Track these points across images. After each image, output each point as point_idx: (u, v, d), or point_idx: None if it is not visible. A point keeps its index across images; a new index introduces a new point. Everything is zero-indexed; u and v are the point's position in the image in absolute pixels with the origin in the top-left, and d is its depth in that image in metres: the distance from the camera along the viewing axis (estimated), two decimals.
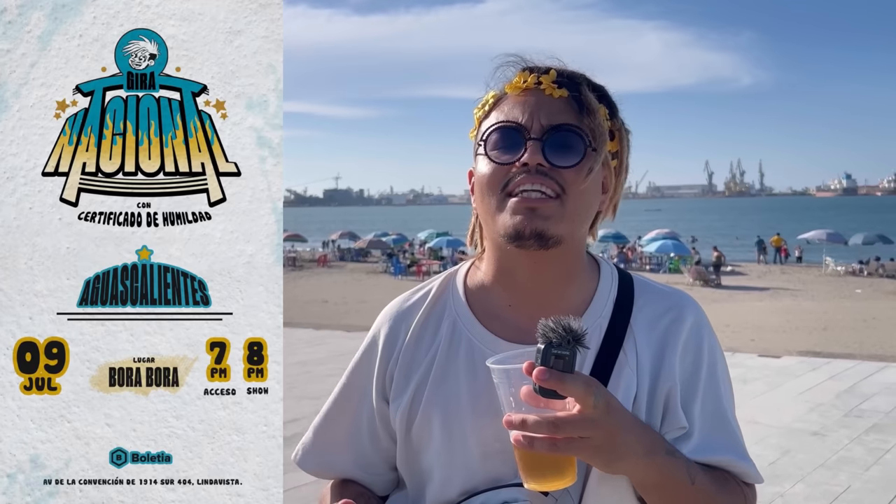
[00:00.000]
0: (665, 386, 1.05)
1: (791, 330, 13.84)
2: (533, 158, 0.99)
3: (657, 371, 1.06)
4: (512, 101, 1.06)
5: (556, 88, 1.03)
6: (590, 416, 0.86)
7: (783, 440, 6.31)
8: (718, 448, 1.05)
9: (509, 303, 1.09)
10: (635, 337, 1.07)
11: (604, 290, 1.11)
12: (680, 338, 1.08)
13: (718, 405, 1.08)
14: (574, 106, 1.03)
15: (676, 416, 1.04)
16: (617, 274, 1.15)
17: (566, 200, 1.01)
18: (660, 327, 1.08)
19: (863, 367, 9.29)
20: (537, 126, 1.01)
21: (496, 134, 1.04)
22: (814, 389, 8.17)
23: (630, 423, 0.93)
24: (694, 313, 1.11)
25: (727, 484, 1.05)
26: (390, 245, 34.75)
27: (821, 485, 5.27)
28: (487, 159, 1.04)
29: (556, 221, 1.00)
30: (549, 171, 1.00)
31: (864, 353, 10.69)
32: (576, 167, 1.01)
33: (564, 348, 0.84)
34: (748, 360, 9.85)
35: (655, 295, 1.13)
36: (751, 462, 1.08)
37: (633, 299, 1.11)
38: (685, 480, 0.98)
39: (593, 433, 0.86)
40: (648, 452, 0.93)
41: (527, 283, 1.07)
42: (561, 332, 0.85)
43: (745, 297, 20.33)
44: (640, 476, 0.96)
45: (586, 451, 0.88)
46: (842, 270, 26.81)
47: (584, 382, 0.86)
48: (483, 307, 1.11)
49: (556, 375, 0.83)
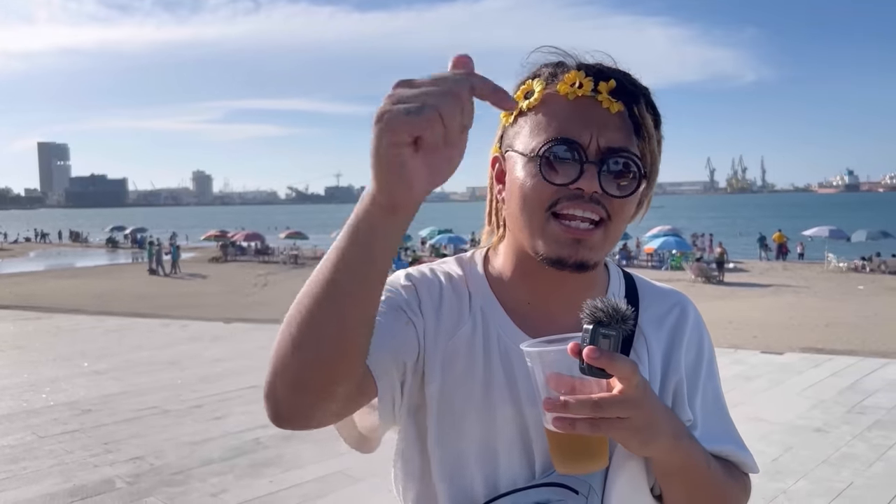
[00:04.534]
0: (673, 380, 1.09)
1: (793, 327, 13.82)
2: (590, 186, 0.96)
3: (666, 367, 1.09)
4: (566, 109, 0.99)
5: (614, 102, 0.98)
6: (632, 396, 0.86)
7: (786, 436, 6.31)
8: (720, 438, 1.09)
9: (528, 300, 1.09)
10: (645, 335, 1.10)
11: (613, 290, 1.14)
12: (685, 334, 1.12)
13: (717, 397, 1.14)
14: (630, 125, 0.99)
15: (683, 409, 1.08)
16: (622, 275, 1.17)
17: (609, 227, 0.99)
18: (667, 324, 1.12)
19: (865, 363, 9.28)
20: (594, 147, 0.97)
21: (552, 151, 0.97)
22: (816, 386, 8.16)
23: (662, 406, 0.95)
24: (693, 311, 1.16)
25: (732, 470, 1.10)
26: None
27: (823, 481, 5.27)
28: (540, 174, 0.98)
29: (600, 251, 1.00)
30: (601, 198, 0.97)
31: (867, 349, 10.68)
32: (628, 197, 0.99)
33: (612, 328, 0.85)
34: (751, 357, 9.84)
35: (657, 294, 1.17)
36: (748, 452, 1.12)
37: (638, 299, 1.14)
38: (704, 465, 1.01)
39: (634, 413, 0.87)
40: (677, 435, 0.95)
41: (548, 289, 1.08)
42: (610, 311, 0.85)
43: (747, 293, 20.30)
44: (667, 458, 0.97)
45: (626, 432, 0.88)
46: (844, 267, 26.75)
47: (630, 362, 0.86)
48: (503, 298, 1.10)
49: (607, 354, 0.83)
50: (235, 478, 5.43)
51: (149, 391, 8.02)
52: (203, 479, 5.38)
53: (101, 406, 7.36)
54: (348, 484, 5.17)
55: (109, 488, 5.15)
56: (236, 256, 36.59)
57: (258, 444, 6.18)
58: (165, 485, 5.23)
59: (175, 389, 8.14)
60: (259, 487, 5.22)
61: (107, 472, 5.48)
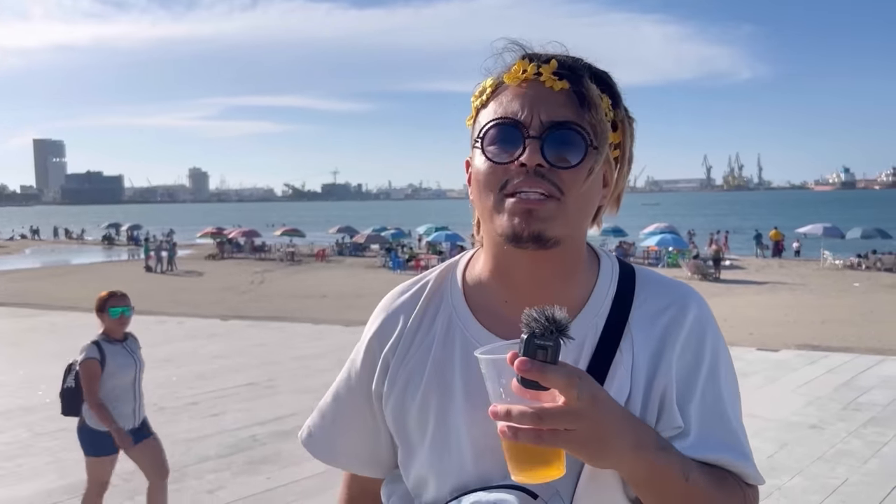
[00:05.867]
0: (661, 385, 1.02)
1: (789, 324, 13.84)
2: (531, 159, 0.95)
3: (653, 370, 1.02)
4: (511, 93, 1.01)
5: (557, 80, 0.98)
6: (574, 408, 0.83)
7: (781, 433, 6.33)
8: (715, 446, 1.02)
9: (506, 299, 1.07)
10: (633, 335, 1.04)
11: (602, 286, 1.08)
12: (680, 335, 1.04)
13: (718, 403, 1.04)
14: (575, 99, 0.98)
15: (672, 415, 1.01)
16: (618, 268, 1.12)
17: (565, 201, 0.97)
18: (659, 324, 1.05)
19: (861, 360, 9.32)
20: (536, 122, 0.96)
21: (494, 130, 0.99)
22: (812, 383, 8.19)
23: (619, 417, 0.90)
24: (697, 308, 1.07)
25: (724, 482, 1.01)
26: (388, 240, 34.71)
27: (819, 478, 5.29)
28: (484, 157, 0.99)
29: (555, 223, 0.97)
30: (547, 171, 0.96)
31: (862, 346, 10.71)
32: (576, 168, 0.97)
33: (548, 339, 0.82)
34: (747, 354, 9.86)
35: (658, 289, 1.09)
36: (751, 462, 1.04)
37: (633, 294, 1.08)
38: (678, 476, 0.95)
39: (578, 425, 0.84)
40: (637, 447, 0.91)
41: (524, 281, 1.05)
42: (544, 321, 0.82)
43: (743, 290, 20.33)
44: (628, 470, 0.93)
45: (572, 444, 0.85)
46: (840, 264, 26.80)
47: (567, 374, 0.83)
48: (479, 302, 1.09)
49: (537, 366, 0.81)
50: (232, 475, 5.43)
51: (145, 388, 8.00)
52: (199, 476, 5.38)
53: None
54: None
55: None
56: (233, 254, 36.52)
57: (255, 441, 6.18)
58: None
59: (171, 386, 8.13)
60: (256, 484, 5.22)
61: None
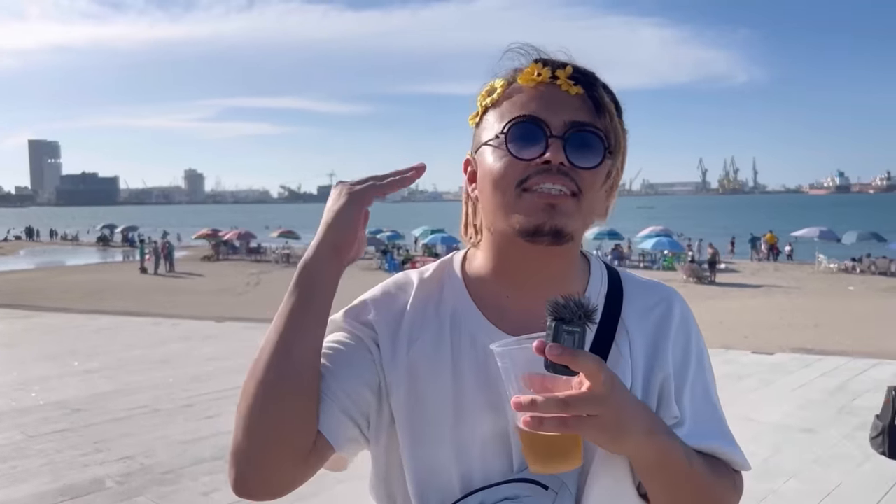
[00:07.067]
0: (659, 376, 1.06)
1: (784, 327, 13.88)
2: (556, 157, 0.98)
3: (651, 362, 1.07)
4: (527, 95, 1.04)
5: (573, 85, 1.02)
6: (599, 393, 0.85)
7: (776, 437, 6.34)
8: (708, 435, 1.07)
9: (507, 294, 1.09)
10: (627, 330, 1.08)
11: (594, 284, 1.12)
12: (671, 329, 1.10)
13: (707, 394, 1.11)
14: (590, 104, 1.02)
15: (670, 406, 1.06)
16: (605, 269, 1.16)
17: (582, 200, 1.01)
18: (651, 319, 1.10)
19: (855, 363, 9.33)
20: (558, 123, 1.00)
21: (517, 128, 1.01)
22: (806, 386, 8.21)
23: (632, 402, 0.93)
24: (680, 305, 1.14)
25: (718, 468, 1.07)
26: (384, 242, 34.68)
27: (813, 481, 5.30)
28: (506, 153, 1.01)
29: (573, 219, 1.00)
30: (569, 170, 0.99)
31: (857, 350, 10.72)
32: (594, 169, 1.01)
33: (575, 325, 0.84)
34: (741, 357, 9.88)
35: (643, 288, 1.14)
36: (739, 449, 1.10)
37: (622, 292, 1.12)
38: (683, 461, 0.99)
39: (602, 410, 0.86)
40: (649, 431, 0.94)
41: (528, 277, 1.07)
42: (573, 307, 0.84)
43: (738, 294, 20.38)
44: (641, 455, 0.96)
45: (594, 430, 0.87)
46: (835, 268, 26.89)
47: (595, 359, 0.85)
48: (481, 297, 1.11)
49: (569, 351, 0.83)
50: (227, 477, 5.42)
51: (140, 390, 7.99)
52: (194, 479, 5.36)
53: (91, 405, 7.33)
54: (340, 483, 5.17)
55: (99, 488, 5.13)
56: (228, 255, 36.49)
57: None
58: (156, 484, 5.21)
59: (166, 388, 8.11)
60: None
61: (97, 471, 5.46)
